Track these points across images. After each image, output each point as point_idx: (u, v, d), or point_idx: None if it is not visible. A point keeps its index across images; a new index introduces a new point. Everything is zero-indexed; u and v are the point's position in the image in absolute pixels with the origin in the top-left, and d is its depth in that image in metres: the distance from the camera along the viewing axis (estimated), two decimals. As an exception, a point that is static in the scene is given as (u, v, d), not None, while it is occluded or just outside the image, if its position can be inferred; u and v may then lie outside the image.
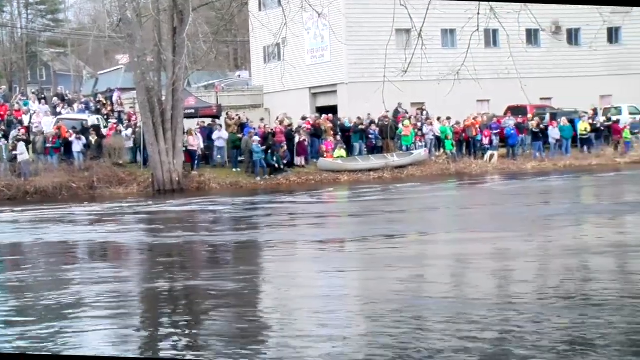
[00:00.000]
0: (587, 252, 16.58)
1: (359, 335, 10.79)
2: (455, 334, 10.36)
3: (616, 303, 11.91)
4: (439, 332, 10.57)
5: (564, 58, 46.89)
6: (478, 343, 10.03)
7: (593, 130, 40.98)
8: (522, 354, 9.62)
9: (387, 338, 10.41)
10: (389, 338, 10.39)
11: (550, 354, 9.61)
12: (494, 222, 21.92)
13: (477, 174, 36.83)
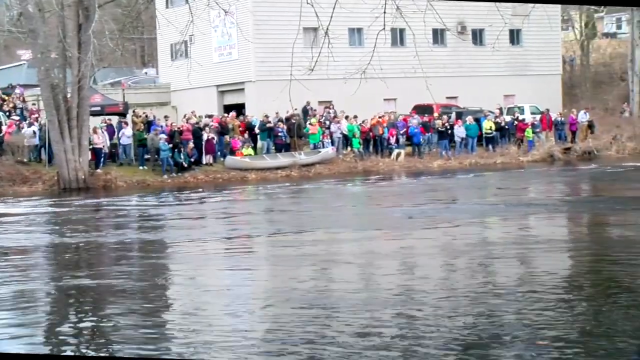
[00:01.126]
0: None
1: (263, 332, 10.82)
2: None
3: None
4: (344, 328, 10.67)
5: (469, 58, 47.72)
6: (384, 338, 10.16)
7: (498, 129, 41.80)
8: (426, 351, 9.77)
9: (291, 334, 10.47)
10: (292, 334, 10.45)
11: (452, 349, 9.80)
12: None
13: (384, 172, 37.18)
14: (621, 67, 54.42)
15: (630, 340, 10.14)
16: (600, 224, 21.04)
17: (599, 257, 16.36)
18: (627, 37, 54.78)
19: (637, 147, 41.79)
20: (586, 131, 43.69)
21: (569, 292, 13.18)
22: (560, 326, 10.78)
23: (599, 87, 54.88)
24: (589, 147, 41.48)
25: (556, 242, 17.94)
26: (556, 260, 15.91)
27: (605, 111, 49.00)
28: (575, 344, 10.08)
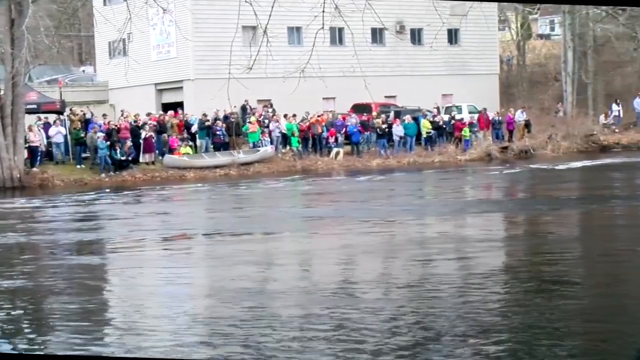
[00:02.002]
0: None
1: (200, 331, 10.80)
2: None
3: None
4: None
5: (408, 57, 48.01)
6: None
7: (436, 128, 42.12)
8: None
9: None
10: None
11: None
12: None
13: (323, 171, 37.26)
14: (555, 67, 55.22)
15: (564, 337, 10.33)
16: (534, 223, 21.33)
17: (532, 254, 16.61)
18: (560, 38, 55.60)
19: (571, 147, 42.45)
20: (523, 130, 44.25)
21: (503, 288, 13.37)
22: (496, 323, 10.92)
23: (535, 87, 55.63)
24: (525, 146, 42.00)
25: (482, 241, 18.19)
26: (486, 258, 16.11)
27: (541, 111, 49.66)
28: (510, 341, 10.21)
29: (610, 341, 10.20)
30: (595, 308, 11.92)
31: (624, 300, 12.38)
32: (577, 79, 49.25)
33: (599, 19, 51.47)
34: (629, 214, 21.79)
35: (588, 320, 11.23)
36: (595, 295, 12.77)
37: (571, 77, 48.82)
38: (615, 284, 13.47)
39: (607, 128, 45.93)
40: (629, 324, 10.91)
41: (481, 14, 38.47)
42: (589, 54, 50.22)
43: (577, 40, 49.31)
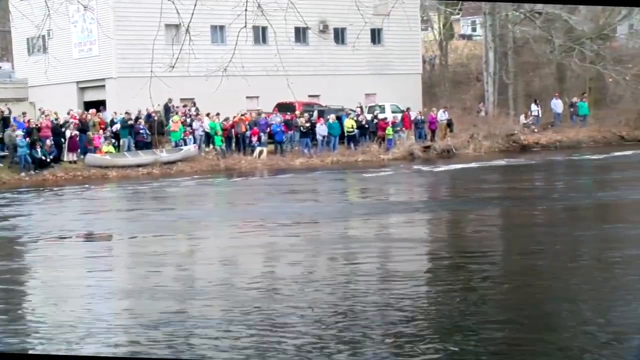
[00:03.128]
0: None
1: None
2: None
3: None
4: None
5: (331, 57, 48.17)
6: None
7: (359, 128, 42.34)
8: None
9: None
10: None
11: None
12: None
13: (245, 170, 37.19)
14: (477, 67, 55.96)
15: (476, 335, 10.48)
16: (456, 222, 21.60)
17: (454, 254, 16.83)
18: (481, 39, 56.37)
19: (492, 146, 43.07)
20: (445, 130, 44.78)
21: (422, 286, 13.53)
22: (415, 322, 11.04)
23: (457, 87, 56.29)
24: (447, 146, 42.47)
25: (404, 240, 18.39)
26: (407, 257, 16.28)
27: (463, 110, 50.28)
28: (430, 340, 10.32)
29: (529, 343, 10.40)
30: (515, 304, 12.14)
31: (540, 296, 12.64)
32: (498, 79, 50.00)
33: (517, 20, 52.31)
34: (547, 213, 22.18)
35: (507, 317, 11.43)
36: (513, 292, 13.00)
37: (492, 78, 49.53)
38: (534, 281, 13.72)
39: (527, 128, 46.74)
40: (545, 317, 11.14)
41: (404, 14, 38.76)
42: (510, 55, 51.01)
43: (498, 41, 50.04)
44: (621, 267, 14.30)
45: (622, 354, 9.67)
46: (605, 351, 9.79)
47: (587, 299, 12.19)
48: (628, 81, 48.35)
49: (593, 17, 53.20)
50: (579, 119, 48.38)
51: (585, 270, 14.15)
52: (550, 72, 53.39)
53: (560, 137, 45.64)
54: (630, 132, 47.07)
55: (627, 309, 11.32)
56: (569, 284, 13.27)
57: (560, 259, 15.24)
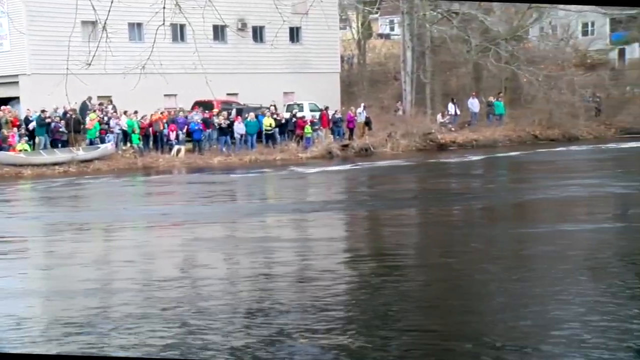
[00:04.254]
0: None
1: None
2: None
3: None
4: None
5: (250, 55, 48.03)
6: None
7: (277, 126, 42.33)
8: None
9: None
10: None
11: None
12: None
13: (163, 169, 36.90)
14: (395, 67, 56.41)
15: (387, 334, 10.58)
16: (372, 221, 21.75)
17: (369, 252, 16.97)
18: (399, 38, 56.87)
19: (410, 145, 43.49)
20: (363, 128, 45.05)
21: (338, 285, 13.60)
22: (329, 320, 11.09)
23: (375, 86, 56.65)
24: (365, 144, 42.74)
25: (321, 240, 18.46)
26: (323, 256, 16.35)
27: (381, 109, 50.63)
28: (340, 340, 10.37)
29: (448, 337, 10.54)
30: (430, 302, 12.30)
31: (458, 294, 12.82)
32: (416, 78, 50.48)
33: (435, 20, 52.92)
34: (463, 212, 22.49)
35: (427, 315, 11.58)
36: (427, 290, 13.17)
37: (410, 77, 50.00)
38: (450, 279, 13.90)
39: (444, 127, 47.32)
40: (460, 314, 11.32)
41: (322, 13, 38.90)
42: (427, 54, 51.55)
43: (416, 41, 50.51)
44: (536, 264, 14.61)
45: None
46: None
47: (498, 298, 12.41)
48: (540, 82, 49.35)
49: (507, 18, 54.15)
50: (495, 118, 49.21)
51: (500, 269, 14.35)
52: (467, 71, 54.14)
53: (477, 136, 46.36)
54: (543, 132, 48.14)
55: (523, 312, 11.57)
56: (483, 282, 13.48)
57: (473, 257, 15.44)
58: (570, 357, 9.51)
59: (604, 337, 10.01)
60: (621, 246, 16.25)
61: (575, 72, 52.29)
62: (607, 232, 17.90)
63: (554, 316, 10.97)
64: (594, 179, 28.27)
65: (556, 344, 9.88)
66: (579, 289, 12.55)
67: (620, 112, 51.81)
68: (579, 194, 24.25)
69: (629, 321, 10.73)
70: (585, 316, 10.89)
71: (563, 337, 10.09)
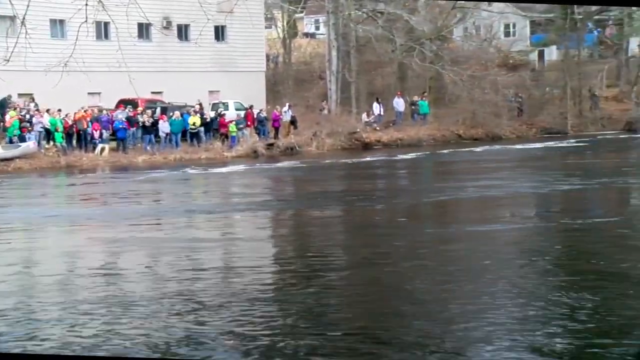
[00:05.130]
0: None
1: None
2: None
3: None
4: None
5: (175, 53, 47.64)
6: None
7: (202, 125, 42.11)
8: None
9: None
10: None
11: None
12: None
13: (87, 167, 36.43)
14: (320, 66, 56.56)
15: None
16: (296, 220, 21.78)
17: (296, 251, 17.01)
18: (324, 37, 57.03)
19: (335, 144, 43.65)
20: (289, 127, 45.07)
21: (265, 285, 13.62)
22: (253, 323, 11.10)
23: (301, 85, 56.73)
24: (291, 143, 42.76)
25: (246, 240, 18.44)
26: (248, 255, 16.33)
27: (307, 108, 50.72)
28: (261, 340, 10.37)
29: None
30: (356, 301, 12.38)
31: (384, 292, 12.94)
32: (341, 77, 50.65)
33: (360, 20, 53.19)
34: (387, 211, 22.65)
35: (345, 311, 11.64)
36: (355, 287, 13.25)
37: (335, 76, 50.16)
38: (372, 279, 14.00)
39: (369, 126, 47.58)
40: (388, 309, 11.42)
41: (247, 11, 38.86)
42: (352, 53, 51.74)
43: (341, 40, 50.69)
44: (459, 263, 14.81)
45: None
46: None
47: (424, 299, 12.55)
48: (464, 81, 49.95)
49: (432, 18, 54.68)
50: (420, 117, 49.67)
51: (423, 270, 14.47)
52: (392, 71, 54.51)
53: (402, 135, 46.73)
54: (466, 131, 48.75)
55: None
56: (406, 283, 13.61)
57: (398, 257, 15.57)
58: (472, 353, 9.67)
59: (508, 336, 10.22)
60: (527, 245, 16.53)
61: (498, 72, 53.06)
62: (516, 232, 18.20)
63: (456, 314, 11.16)
64: (508, 179, 28.71)
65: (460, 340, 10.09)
66: (488, 289, 12.71)
67: (541, 112, 52.76)
68: (496, 194, 24.50)
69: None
70: (483, 313, 11.06)
71: (468, 335, 10.29)
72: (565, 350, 9.71)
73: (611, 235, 17.17)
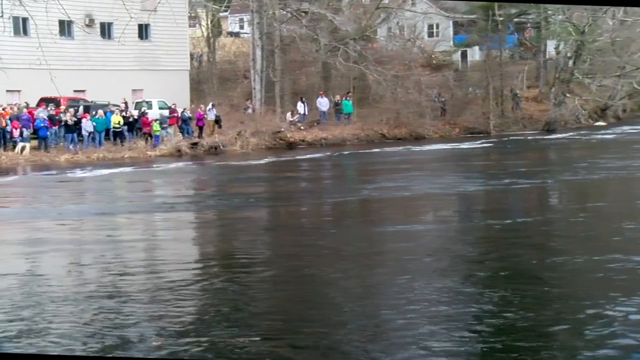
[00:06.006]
0: None
1: None
2: None
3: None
4: None
5: (98, 51, 47.11)
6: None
7: (126, 123, 41.70)
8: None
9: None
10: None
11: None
12: None
13: (7, 167, 35.77)
14: (244, 65, 56.46)
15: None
16: (219, 221, 21.72)
17: (218, 254, 16.98)
18: (249, 37, 56.94)
19: (259, 143, 43.61)
20: (213, 126, 44.88)
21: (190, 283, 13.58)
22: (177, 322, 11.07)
23: (225, 84, 56.54)
24: (215, 142, 42.58)
25: (170, 240, 18.36)
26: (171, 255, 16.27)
27: (231, 107, 50.58)
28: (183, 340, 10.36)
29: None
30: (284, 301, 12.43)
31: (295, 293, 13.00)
32: (265, 77, 50.61)
33: (284, 19, 53.24)
34: (311, 211, 22.74)
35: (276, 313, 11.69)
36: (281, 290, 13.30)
37: (260, 75, 50.11)
38: (294, 280, 14.06)
39: (294, 125, 47.66)
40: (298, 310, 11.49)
41: (170, 10, 38.47)
42: (277, 53, 51.75)
43: (265, 39, 50.64)
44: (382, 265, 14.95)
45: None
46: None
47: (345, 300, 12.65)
48: (388, 81, 50.37)
49: (356, 18, 55.00)
50: (344, 117, 49.91)
51: (343, 272, 14.55)
52: (316, 70, 54.67)
53: (326, 135, 46.92)
54: (390, 131, 49.16)
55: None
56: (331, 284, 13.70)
57: (319, 259, 15.64)
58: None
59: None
60: (441, 244, 16.78)
61: (422, 72, 53.61)
62: (434, 232, 18.46)
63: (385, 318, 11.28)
64: (422, 178, 29.02)
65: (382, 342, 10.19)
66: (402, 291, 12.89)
67: (464, 112, 53.47)
68: (410, 194, 24.71)
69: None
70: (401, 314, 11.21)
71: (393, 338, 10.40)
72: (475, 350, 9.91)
73: (524, 235, 17.45)
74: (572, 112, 55.32)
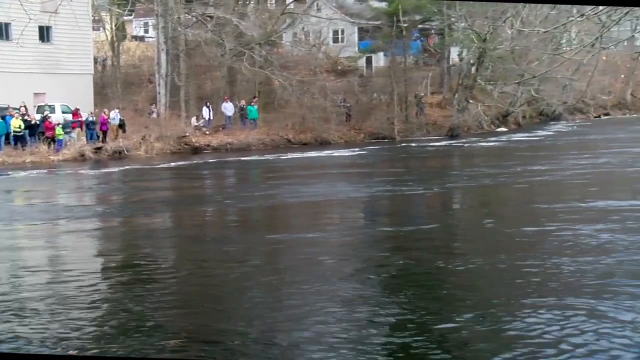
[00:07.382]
0: None
1: None
2: None
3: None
4: None
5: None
6: None
7: (27, 127, 40.91)
8: None
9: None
10: None
11: None
12: None
13: None
14: (149, 69, 56.01)
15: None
16: (124, 229, 21.52)
17: (124, 262, 16.83)
18: (154, 41, 56.47)
19: (164, 148, 43.30)
20: (117, 131, 44.39)
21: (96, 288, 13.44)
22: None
23: (129, 88, 55.97)
24: (119, 147, 42.15)
25: (77, 249, 18.13)
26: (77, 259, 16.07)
27: (135, 112, 50.11)
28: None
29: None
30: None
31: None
32: (170, 81, 50.27)
33: (189, 24, 52.96)
34: (215, 217, 22.68)
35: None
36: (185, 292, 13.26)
37: (164, 79, 49.74)
38: (201, 285, 14.05)
39: (199, 130, 47.46)
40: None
41: (73, 12, 37.96)
42: (182, 57, 51.46)
43: (170, 44, 50.30)
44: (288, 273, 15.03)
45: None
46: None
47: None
48: (294, 86, 50.56)
49: (261, 23, 55.07)
50: (249, 122, 49.91)
51: (250, 277, 14.59)
52: (221, 75, 54.55)
53: (231, 140, 46.85)
54: (296, 136, 49.35)
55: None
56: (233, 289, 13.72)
57: (226, 264, 15.65)
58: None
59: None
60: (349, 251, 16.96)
61: (327, 77, 54.00)
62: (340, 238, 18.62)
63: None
64: (326, 184, 29.14)
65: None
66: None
67: (369, 117, 53.92)
68: (318, 199, 24.85)
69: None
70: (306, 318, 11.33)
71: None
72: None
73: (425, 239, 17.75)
74: (475, 118, 56.40)
